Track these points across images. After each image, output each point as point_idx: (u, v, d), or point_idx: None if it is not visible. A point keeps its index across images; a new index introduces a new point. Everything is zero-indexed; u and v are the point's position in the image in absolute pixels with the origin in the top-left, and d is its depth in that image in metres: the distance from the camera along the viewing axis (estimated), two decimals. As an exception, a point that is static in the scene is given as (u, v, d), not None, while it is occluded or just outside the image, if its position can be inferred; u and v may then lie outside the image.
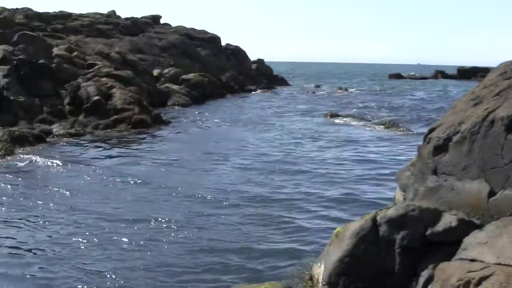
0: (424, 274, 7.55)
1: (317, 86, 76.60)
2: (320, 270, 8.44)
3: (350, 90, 70.81)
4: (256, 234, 12.47)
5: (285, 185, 17.18)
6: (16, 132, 23.60)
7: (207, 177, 18.36)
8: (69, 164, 19.90)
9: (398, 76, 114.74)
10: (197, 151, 23.32)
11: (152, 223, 13.16)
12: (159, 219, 13.37)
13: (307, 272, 9.36)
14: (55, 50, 37.04)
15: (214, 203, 15.05)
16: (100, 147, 24.02)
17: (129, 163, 20.48)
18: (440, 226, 7.80)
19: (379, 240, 8.06)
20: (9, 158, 20.95)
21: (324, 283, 8.18)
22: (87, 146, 24.26)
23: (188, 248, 11.53)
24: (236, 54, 68.43)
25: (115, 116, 29.31)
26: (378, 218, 8.21)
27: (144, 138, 26.70)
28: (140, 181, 17.45)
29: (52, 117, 29.03)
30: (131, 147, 24.17)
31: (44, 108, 29.58)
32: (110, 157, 21.82)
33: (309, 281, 8.64)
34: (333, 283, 8.08)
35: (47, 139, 24.87)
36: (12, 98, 28.77)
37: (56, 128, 27.16)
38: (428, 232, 7.81)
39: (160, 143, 25.31)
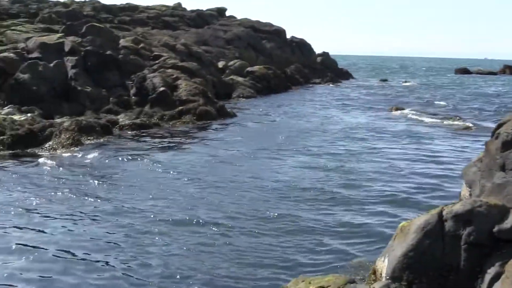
0: (491, 272, 7.23)
1: (383, 80, 75.49)
2: (383, 265, 8.20)
3: (415, 84, 69.51)
4: (318, 228, 12.29)
5: (347, 179, 16.89)
6: (83, 121, 23.84)
7: (270, 170, 18.14)
8: (133, 155, 19.98)
9: (464, 71, 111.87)
10: (261, 143, 23.09)
11: (215, 214, 13.03)
12: (223, 210, 13.28)
13: (370, 266, 9.11)
14: (122, 42, 37.31)
15: (276, 195, 14.92)
16: (165, 138, 24.10)
17: (193, 155, 20.40)
18: (508, 223, 7.44)
19: (444, 235, 7.75)
20: (76, 148, 21.17)
21: (387, 277, 7.94)
22: (152, 136, 24.37)
23: (250, 240, 11.43)
24: (301, 47, 67.95)
25: (180, 107, 29.34)
26: (444, 213, 7.91)
27: (208, 130, 26.67)
28: (204, 173, 17.34)
29: (118, 107, 29.28)
30: (196, 139, 24.13)
31: (111, 98, 29.87)
32: (174, 148, 21.82)
33: (372, 275, 8.39)
34: (396, 278, 7.83)
35: (113, 129, 25.07)
36: (79, 88, 29.16)
37: (122, 119, 27.36)
38: (495, 229, 7.44)
39: (225, 135, 25.19)
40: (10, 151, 20.75)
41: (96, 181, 16.23)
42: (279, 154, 20.79)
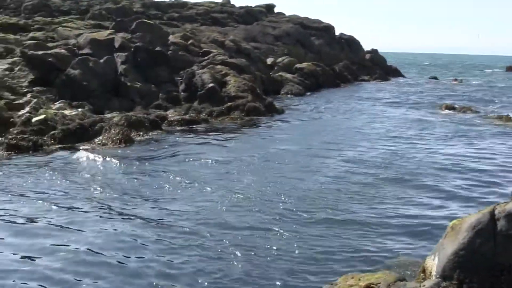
0: (544, 273, 6.94)
1: (433, 78, 74.35)
2: (433, 263, 8.03)
3: (466, 82, 68.24)
4: (367, 224, 12.14)
5: (397, 176, 16.67)
6: (132, 117, 23.96)
7: (318, 166, 17.93)
8: (182, 151, 20.02)
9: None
10: (309, 140, 22.90)
11: (267, 208, 12.94)
12: (272, 206, 13.16)
13: (419, 264, 8.89)
14: (171, 38, 37.49)
15: (325, 191, 14.75)
16: (213, 134, 24.06)
17: (241, 152, 20.26)
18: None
19: (496, 234, 7.55)
20: (125, 144, 21.25)
21: (437, 276, 7.77)
22: (200, 132, 24.38)
23: (298, 235, 11.31)
24: (350, 43, 67.36)
25: (229, 103, 29.32)
26: (496, 212, 7.69)
27: (257, 126, 26.53)
28: (252, 169, 17.25)
29: (167, 103, 29.39)
30: (244, 135, 24.05)
31: (160, 94, 30.03)
32: (223, 145, 21.75)
33: (421, 274, 8.22)
34: (447, 277, 7.66)
35: (162, 125, 25.14)
36: (129, 84, 29.37)
37: (171, 114, 27.42)
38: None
39: (273, 132, 25.04)
40: (61, 145, 20.96)
41: (143, 177, 16.23)
42: (327, 150, 20.60)
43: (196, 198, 13.97)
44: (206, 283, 9.15)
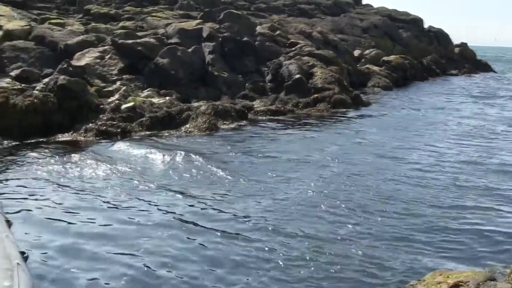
0: None
1: (526, 73, 71.66)
2: None
3: None
4: (457, 220, 11.83)
5: (490, 172, 16.20)
6: (219, 106, 24.11)
7: (405, 163, 17.39)
8: (267, 141, 20.12)
9: None
10: (396, 134, 22.48)
11: (347, 204, 12.77)
12: (356, 199, 13.07)
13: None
14: (259, 29, 37.45)
15: (412, 186, 14.52)
16: (299, 125, 23.96)
17: (326, 143, 20.06)
18: None
19: None
20: (211, 131, 21.41)
21: None
22: (286, 123, 24.30)
23: (387, 228, 11.21)
24: (439, 36, 65.66)
25: (315, 95, 29.07)
26: None
27: (343, 119, 26.19)
28: (337, 161, 17.11)
29: (253, 93, 29.39)
30: (330, 127, 23.83)
31: (246, 84, 30.04)
32: (308, 136, 21.66)
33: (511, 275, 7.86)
34: None
35: (248, 115, 25.17)
36: (216, 73, 29.48)
37: (257, 104, 27.43)
38: None
39: (359, 125, 24.65)
40: (148, 132, 21.34)
41: (229, 165, 16.27)
42: (415, 144, 20.22)
43: (276, 192, 13.82)
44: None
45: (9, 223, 8.32)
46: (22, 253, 7.02)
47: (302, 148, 19.00)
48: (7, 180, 14.67)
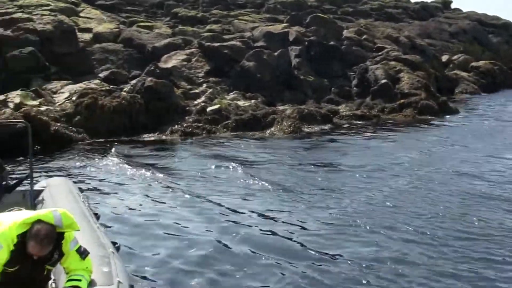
0: None
1: None
2: None
3: None
4: None
5: None
6: (304, 110, 24.16)
7: (486, 180, 15.73)
8: (351, 145, 20.08)
9: None
10: (485, 143, 21.42)
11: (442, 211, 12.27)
12: (438, 211, 12.41)
13: None
14: (345, 33, 37.25)
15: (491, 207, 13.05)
16: (384, 131, 23.69)
17: (409, 151, 19.60)
18: None
19: None
20: (295, 135, 21.43)
21: None
22: (371, 128, 24.13)
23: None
24: (531, 42, 63.82)
25: (402, 100, 28.64)
26: None
27: (429, 125, 25.64)
28: (419, 170, 16.53)
29: (339, 97, 29.27)
30: (415, 134, 23.44)
31: (332, 88, 29.91)
32: (393, 141, 21.33)
33: None
34: None
35: (334, 119, 25.04)
36: (302, 77, 29.51)
37: (342, 109, 27.28)
38: None
39: (444, 132, 24.01)
40: (233, 133, 21.63)
41: (315, 168, 16.23)
42: (501, 158, 18.76)
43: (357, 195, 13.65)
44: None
45: (97, 216, 8.61)
46: (114, 243, 7.26)
47: (380, 155, 18.54)
48: (93, 175, 15.21)
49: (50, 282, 6.11)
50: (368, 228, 11.03)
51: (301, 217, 11.74)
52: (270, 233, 10.80)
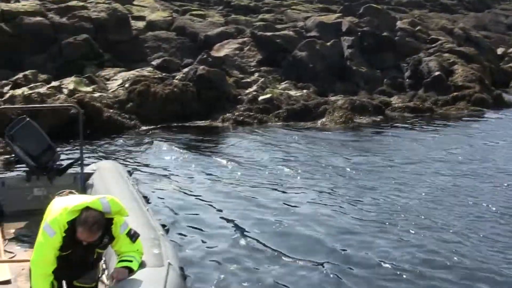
0: None
1: None
2: None
3: None
4: None
5: None
6: (356, 101, 24.11)
7: None
8: (401, 137, 20.20)
9: None
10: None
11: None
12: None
13: None
14: (399, 24, 36.84)
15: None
16: (436, 124, 23.48)
17: (455, 144, 19.39)
18: None
19: None
20: (347, 126, 21.39)
21: None
22: (423, 121, 23.85)
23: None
24: None
25: (455, 93, 28.22)
26: None
27: (481, 119, 25.26)
28: (465, 166, 16.36)
29: (391, 89, 28.98)
30: (468, 128, 23.07)
31: (385, 80, 29.65)
32: (445, 134, 21.13)
33: None
34: None
35: (386, 111, 24.88)
36: (354, 68, 29.33)
37: (395, 101, 27.08)
38: None
39: (497, 126, 23.63)
40: (284, 123, 21.73)
41: (363, 160, 16.28)
42: None
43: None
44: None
45: (146, 199, 8.80)
46: (163, 225, 7.43)
47: (430, 150, 18.31)
48: (143, 159, 15.54)
49: (101, 262, 6.36)
50: (406, 227, 10.98)
51: (338, 213, 11.74)
52: (315, 231, 10.83)
